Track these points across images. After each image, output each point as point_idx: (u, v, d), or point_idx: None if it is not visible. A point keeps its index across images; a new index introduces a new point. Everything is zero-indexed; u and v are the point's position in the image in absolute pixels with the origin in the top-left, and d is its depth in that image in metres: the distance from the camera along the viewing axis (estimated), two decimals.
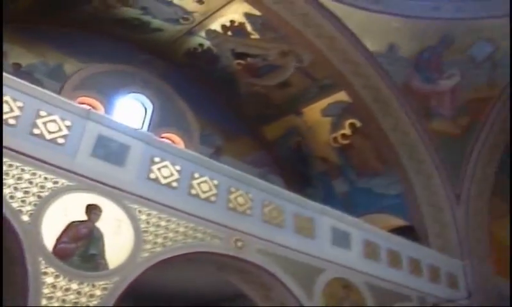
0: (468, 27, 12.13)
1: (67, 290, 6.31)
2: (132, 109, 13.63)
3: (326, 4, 12.04)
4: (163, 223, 7.55)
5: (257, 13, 12.43)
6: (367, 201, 13.94)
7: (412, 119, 13.05)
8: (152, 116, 13.57)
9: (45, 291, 6.14)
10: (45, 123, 7.02)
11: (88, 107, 8.26)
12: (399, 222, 13.50)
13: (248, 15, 12.58)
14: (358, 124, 13.83)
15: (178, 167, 8.16)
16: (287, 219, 9.26)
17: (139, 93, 13.72)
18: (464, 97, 12.86)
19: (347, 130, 14.13)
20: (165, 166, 8.06)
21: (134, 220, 7.25)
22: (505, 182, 13.30)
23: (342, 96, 13.54)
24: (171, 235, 7.55)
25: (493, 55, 12.35)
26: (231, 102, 15.06)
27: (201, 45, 13.72)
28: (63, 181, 6.83)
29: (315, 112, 14.29)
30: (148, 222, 7.38)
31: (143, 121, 13.54)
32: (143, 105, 13.86)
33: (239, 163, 13.60)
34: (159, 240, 7.39)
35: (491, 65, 12.46)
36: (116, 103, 13.03)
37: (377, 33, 12.41)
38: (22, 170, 6.54)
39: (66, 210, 6.66)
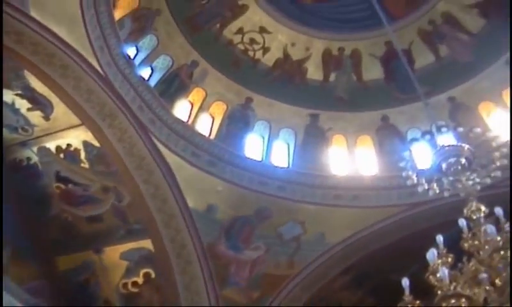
0: (286, 207, 14.58)
1: None
2: None
3: (164, 153, 13.84)
4: None
5: (96, 144, 13.44)
6: None
7: (207, 282, 14.21)
8: None
9: None
10: None
11: None
12: None
13: (86, 144, 13.49)
14: (153, 275, 14.60)
15: None
16: None
17: None
18: (262, 271, 14.52)
19: (140, 279, 14.74)
20: None
21: None
22: None
23: (146, 243, 14.45)
24: None
25: (299, 237, 14.66)
26: (34, 222, 14.89)
27: (28, 158, 13.88)
28: None
29: (115, 253, 14.73)
30: None
31: None
32: None
33: (17, 288, 13.15)
34: None
35: (296, 246, 14.60)
36: None
37: (201, 191, 14.33)
38: None
39: None
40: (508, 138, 13.47)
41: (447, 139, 11.62)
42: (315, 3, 18.02)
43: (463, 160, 9.14)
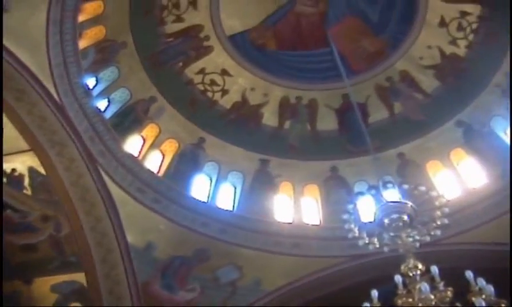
0: (226, 250, 14.44)
1: None
2: None
3: (109, 186, 13.74)
4: None
5: (42, 171, 13.23)
6: None
7: None
8: None
9: None
10: None
11: None
12: None
13: (31, 170, 13.28)
14: None
15: None
16: None
17: None
18: None
19: None
20: None
21: None
22: None
23: (80, 277, 13.98)
24: None
25: (236, 281, 14.43)
26: None
27: None
28: None
29: (45, 285, 14.20)
30: None
31: None
32: None
33: None
34: None
35: (232, 290, 14.34)
36: None
37: (142, 228, 14.13)
38: None
39: None
40: (450, 198, 13.74)
41: (392, 194, 11.74)
42: (279, 50, 18.33)
43: (405, 217, 9.29)
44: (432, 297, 7.77)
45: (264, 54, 18.20)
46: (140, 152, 15.79)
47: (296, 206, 15.95)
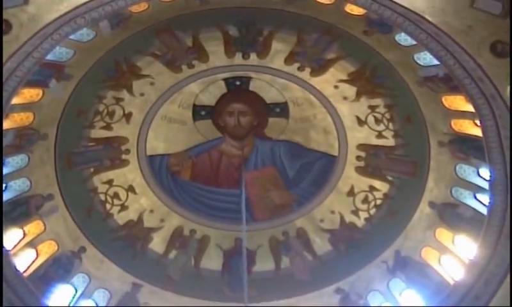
0: None
1: None
2: None
3: None
4: None
5: None
6: None
7: None
8: None
9: None
10: None
11: None
12: None
13: None
14: None
15: None
16: None
17: None
18: None
19: None
20: None
21: None
22: None
23: None
24: None
25: None
26: None
27: None
28: None
29: None
30: None
31: None
32: None
33: None
34: None
35: None
36: None
37: None
38: None
39: None
40: None
41: None
42: (191, 181, 18.63)
43: None
44: None
45: (175, 181, 18.47)
46: (15, 246, 15.29)
47: None
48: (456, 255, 15.51)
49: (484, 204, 14.59)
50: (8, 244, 14.78)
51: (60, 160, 16.36)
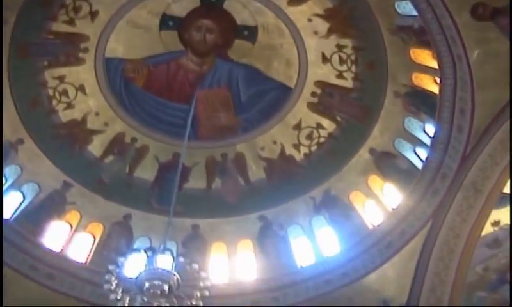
0: None
1: None
2: None
3: None
4: None
5: None
6: None
7: None
8: None
9: None
10: None
11: None
12: None
13: None
14: None
15: None
16: None
17: None
18: None
19: None
20: None
21: None
22: None
23: None
24: None
25: None
26: None
27: None
28: None
29: None
30: None
31: None
32: None
33: None
34: None
35: None
36: None
37: None
38: None
39: None
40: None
41: (165, 261, 11.64)
42: (143, 89, 18.58)
43: (166, 287, 9.41)
44: None
45: (127, 88, 18.38)
46: None
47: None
48: (382, 202, 15.70)
49: (422, 160, 14.86)
50: None
51: (14, 47, 15.92)
